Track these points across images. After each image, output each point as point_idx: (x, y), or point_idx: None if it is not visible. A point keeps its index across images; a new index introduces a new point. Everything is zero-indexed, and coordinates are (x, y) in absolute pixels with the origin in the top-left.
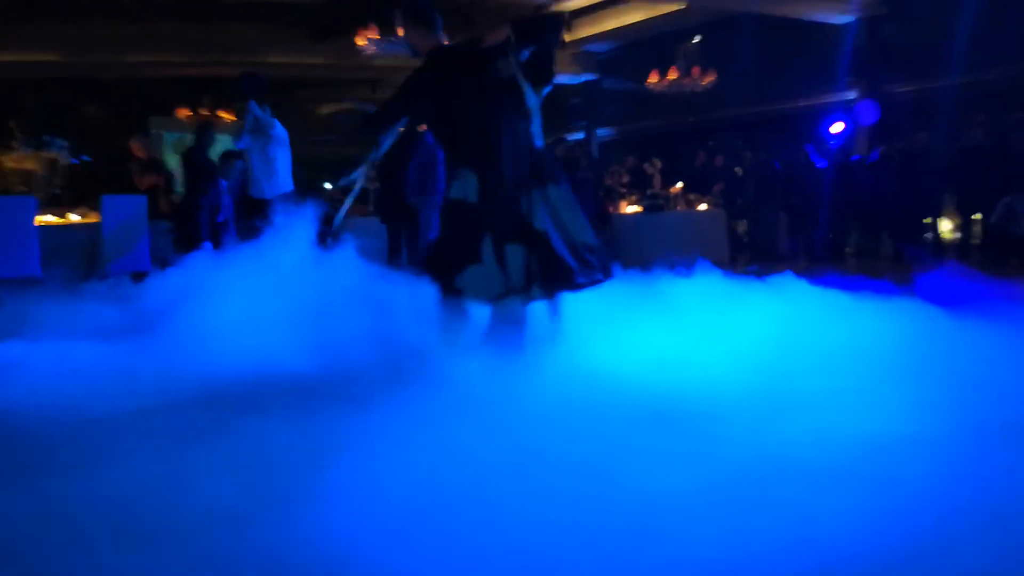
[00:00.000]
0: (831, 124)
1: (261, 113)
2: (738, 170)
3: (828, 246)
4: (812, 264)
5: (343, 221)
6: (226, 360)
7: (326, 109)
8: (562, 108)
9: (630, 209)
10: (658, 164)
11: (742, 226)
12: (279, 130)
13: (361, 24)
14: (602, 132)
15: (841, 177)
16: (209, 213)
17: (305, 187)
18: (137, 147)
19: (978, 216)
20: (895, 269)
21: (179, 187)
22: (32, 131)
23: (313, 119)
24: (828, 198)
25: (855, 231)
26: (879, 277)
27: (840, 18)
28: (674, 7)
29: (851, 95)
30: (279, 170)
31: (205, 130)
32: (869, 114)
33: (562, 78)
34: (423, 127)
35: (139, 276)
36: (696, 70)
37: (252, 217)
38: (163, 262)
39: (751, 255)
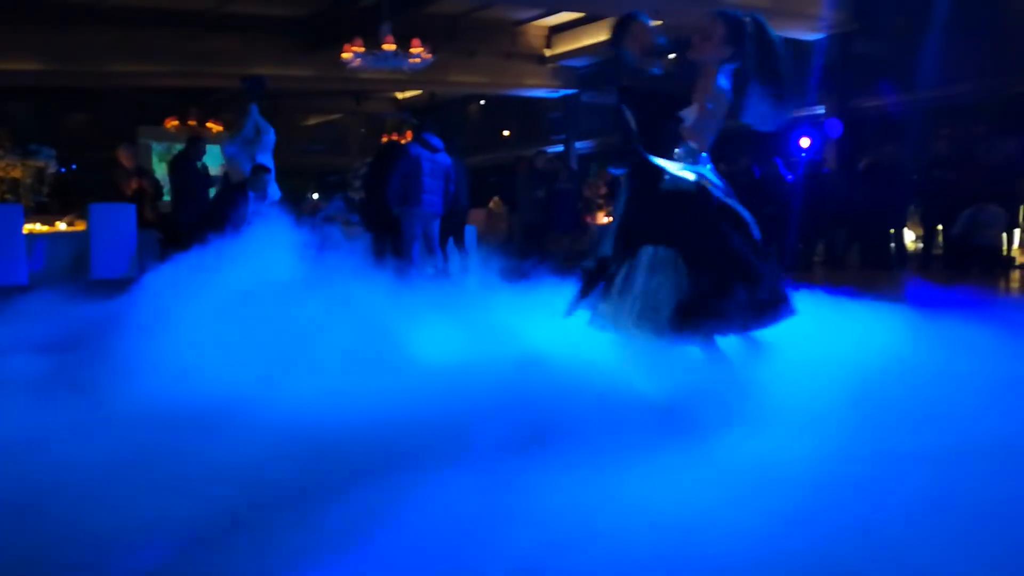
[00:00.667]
0: (799, 138)
1: (260, 118)
2: None
3: (797, 255)
4: (787, 273)
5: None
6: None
7: (312, 120)
8: (542, 121)
9: (607, 220)
10: None
11: None
12: (272, 136)
13: (347, 38)
14: (580, 145)
15: (810, 189)
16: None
17: (292, 196)
18: (124, 156)
19: (940, 227)
20: (862, 278)
21: (166, 196)
22: (19, 139)
23: (299, 130)
24: (797, 209)
25: (823, 241)
26: (846, 286)
27: (811, 35)
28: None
29: (820, 110)
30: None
31: (197, 141)
32: (834, 130)
33: (542, 92)
34: (406, 138)
35: (123, 283)
36: None
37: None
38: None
39: None
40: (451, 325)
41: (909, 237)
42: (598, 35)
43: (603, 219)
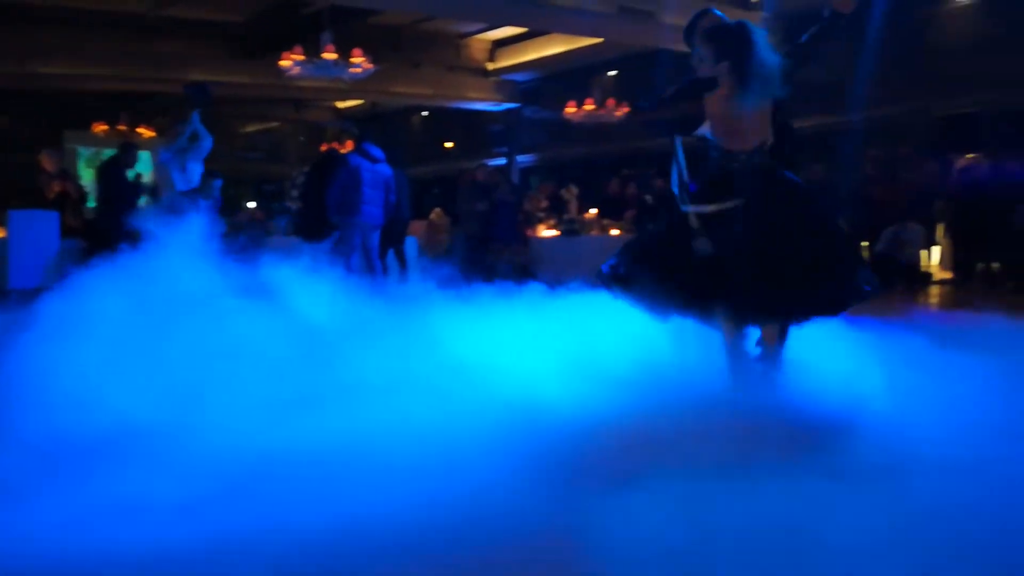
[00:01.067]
0: None
1: (201, 125)
2: (648, 198)
3: None
4: None
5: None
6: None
7: (250, 127)
8: (485, 134)
9: (547, 233)
10: (575, 191)
11: None
12: (208, 144)
13: (286, 45)
14: (522, 158)
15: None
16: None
17: (230, 204)
18: (47, 160)
19: (865, 244)
20: None
21: (91, 202)
22: None
23: (236, 137)
24: None
25: None
26: None
27: None
28: (591, 41)
29: None
30: (195, 185)
31: (129, 148)
32: None
33: (484, 105)
34: (346, 148)
35: (40, 292)
36: (611, 102)
37: None
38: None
39: None
40: (386, 338)
41: None
42: (541, 50)
43: (543, 232)
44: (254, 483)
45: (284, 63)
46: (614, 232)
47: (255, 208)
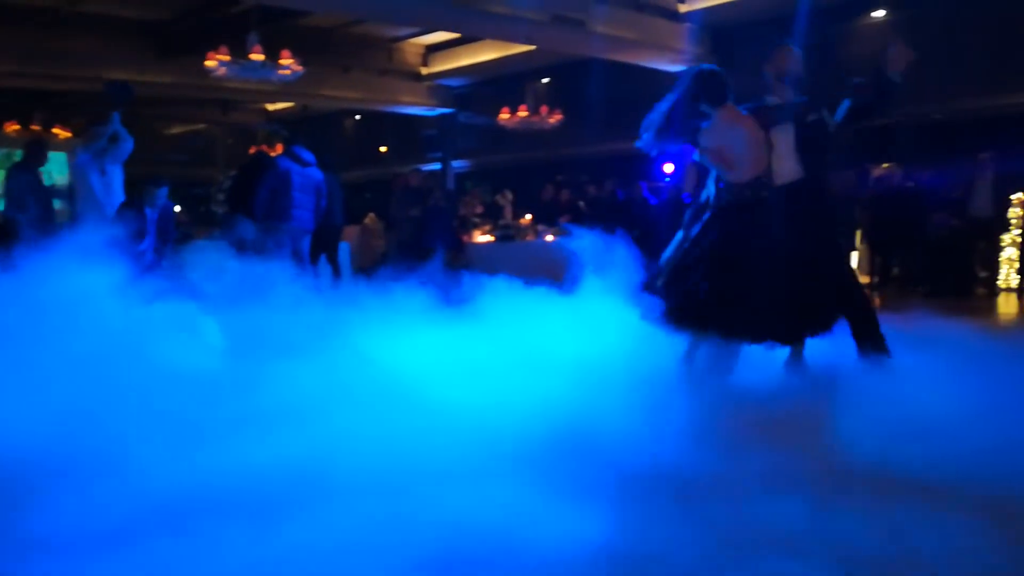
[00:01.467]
0: (663, 164)
1: (121, 126)
2: (581, 204)
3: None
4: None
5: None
6: None
7: (175, 129)
8: (419, 138)
9: (483, 238)
10: (509, 196)
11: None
12: (129, 146)
13: (212, 45)
14: (457, 164)
15: (675, 213)
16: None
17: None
18: None
19: None
20: None
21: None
22: None
23: (160, 138)
24: (662, 232)
25: None
26: None
27: (674, 67)
28: (525, 48)
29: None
30: (116, 190)
31: (38, 147)
32: (687, 156)
33: (418, 110)
34: (276, 151)
35: None
36: (544, 109)
37: None
38: None
39: None
40: (318, 352)
41: None
42: (475, 56)
43: (479, 237)
44: (182, 515)
45: (209, 63)
46: (549, 237)
47: (180, 212)
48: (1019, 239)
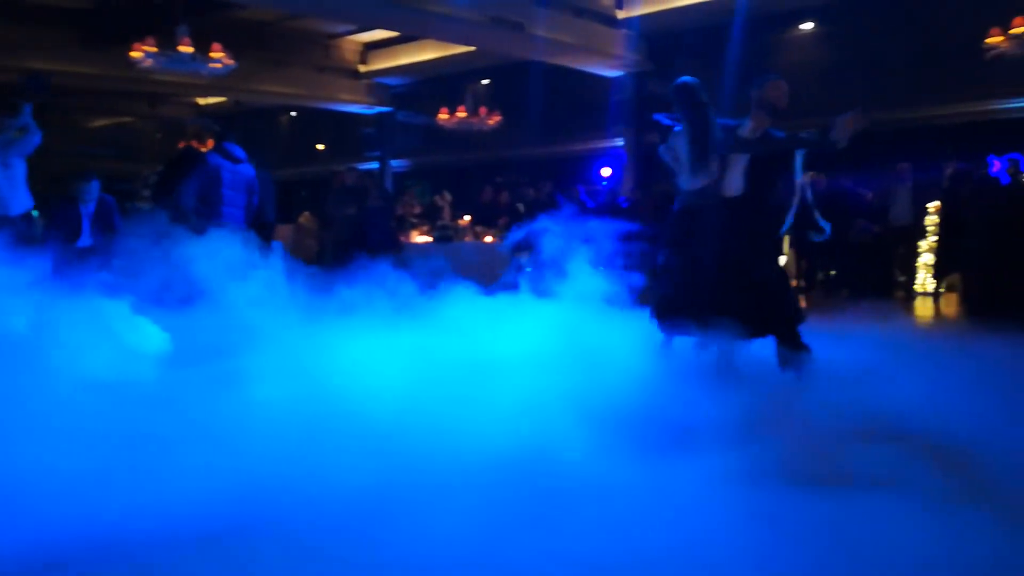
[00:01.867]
0: (601, 168)
1: (31, 119)
2: (520, 206)
3: None
4: None
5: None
6: None
7: (100, 122)
8: (357, 136)
9: (421, 239)
10: (448, 197)
11: (525, 258)
12: (37, 140)
13: (139, 36)
14: (396, 163)
15: (610, 216)
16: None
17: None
18: None
19: None
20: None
21: None
22: None
23: (83, 132)
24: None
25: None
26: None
27: (612, 72)
28: (464, 49)
29: (620, 142)
30: (21, 184)
31: None
32: (621, 160)
33: (356, 107)
34: (207, 146)
35: None
36: (483, 110)
37: None
38: None
39: None
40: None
41: None
42: (414, 55)
43: (417, 238)
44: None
45: (135, 54)
46: (488, 239)
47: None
48: (935, 245)
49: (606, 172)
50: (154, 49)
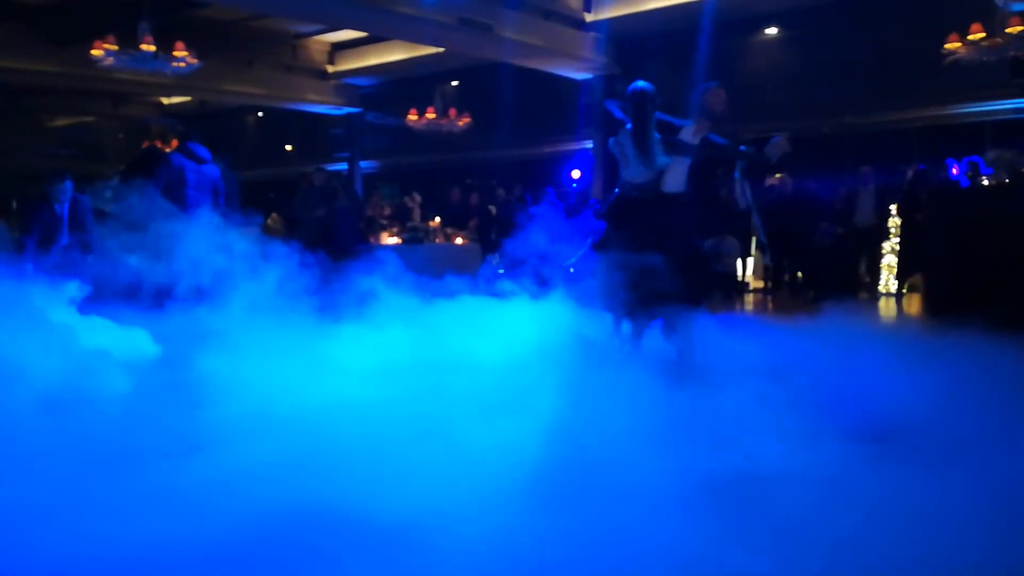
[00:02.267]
0: (571, 170)
1: None
2: (491, 208)
3: None
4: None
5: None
6: None
7: (60, 121)
8: (326, 137)
9: (390, 240)
10: (418, 198)
11: (496, 260)
12: None
13: (100, 33)
14: (365, 164)
15: (581, 218)
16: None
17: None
18: None
19: None
20: None
21: None
22: None
23: (42, 131)
24: (568, 237)
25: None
26: None
27: (581, 75)
28: (433, 50)
29: (589, 144)
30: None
31: None
32: (590, 163)
33: (324, 108)
34: (172, 146)
35: None
36: (453, 111)
37: None
38: None
39: None
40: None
41: None
42: (383, 56)
43: (387, 239)
44: None
45: (96, 52)
46: (458, 240)
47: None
48: (897, 247)
49: (576, 174)
50: (115, 47)
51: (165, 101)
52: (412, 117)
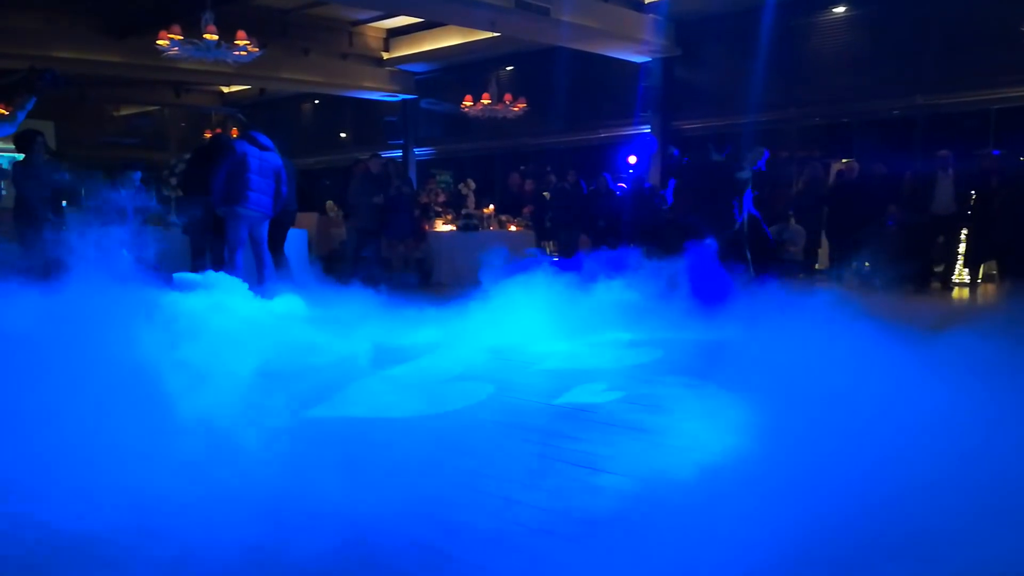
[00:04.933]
0: (628, 155)
1: (23, 115)
2: (546, 194)
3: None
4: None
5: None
6: None
7: (125, 111)
8: (381, 124)
9: (445, 227)
10: (472, 185)
11: (550, 246)
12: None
13: (164, 23)
14: (420, 151)
15: (638, 203)
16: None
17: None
18: None
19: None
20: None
21: None
22: None
23: (109, 120)
24: (626, 221)
25: (648, 252)
26: None
27: (639, 57)
28: (488, 35)
29: (646, 128)
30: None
31: None
32: (651, 146)
33: (379, 95)
34: (234, 134)
35: None
36: (508, 97)
37: None
38: None
39: None
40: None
41: None
42: (438, 41)
43: (441, 226)
44: None
45: (161, 42)
46: (512, 228)
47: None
48: (968, 234)
49: (632, 160)
50: (180, 37)
51: (225, 90)
52: (467, 103)
